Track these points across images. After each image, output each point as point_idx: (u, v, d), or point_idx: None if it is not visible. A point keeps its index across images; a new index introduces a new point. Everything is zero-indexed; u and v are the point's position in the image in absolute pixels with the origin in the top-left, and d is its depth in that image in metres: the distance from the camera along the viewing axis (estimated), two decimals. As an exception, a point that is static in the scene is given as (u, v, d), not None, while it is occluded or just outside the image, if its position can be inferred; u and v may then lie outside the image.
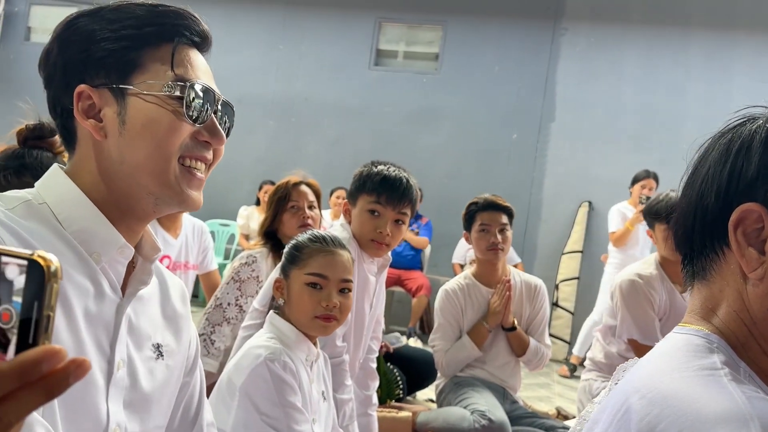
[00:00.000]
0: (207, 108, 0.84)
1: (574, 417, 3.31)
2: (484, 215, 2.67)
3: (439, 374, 2.82)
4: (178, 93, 0.81)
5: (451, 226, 6.20)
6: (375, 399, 2.16)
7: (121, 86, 0.81)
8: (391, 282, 5.38)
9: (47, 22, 7.78)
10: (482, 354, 2.70)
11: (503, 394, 2.72)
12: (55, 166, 0.85)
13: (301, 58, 6.85)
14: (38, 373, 0.38)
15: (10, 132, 1.51)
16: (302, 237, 1.57)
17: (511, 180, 6.20)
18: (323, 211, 5.88)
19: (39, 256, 0.41)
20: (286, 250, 1.59)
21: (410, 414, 2.56)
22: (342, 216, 2.09)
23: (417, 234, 5.78)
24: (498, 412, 2.43)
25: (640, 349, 2.56)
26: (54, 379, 0.39)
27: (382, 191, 1.94)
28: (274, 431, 1.33)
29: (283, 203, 2.54)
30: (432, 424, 2.53)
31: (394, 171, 1.98)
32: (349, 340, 1.96)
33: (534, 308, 2.80)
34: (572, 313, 5.66)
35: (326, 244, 1.53)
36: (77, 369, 0.40)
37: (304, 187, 2.60)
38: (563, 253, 5.94)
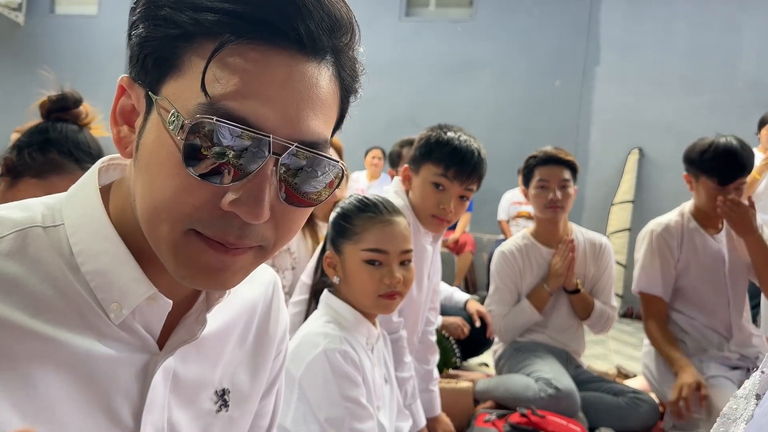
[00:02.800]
0: (239, 159, 0.52)
1: (635, 376, 3.16)
2: (542, 170, 2.47)
3: (496, 339, 2.68)
4: (176, 131, 0.51)
5: (493, 181, 5.99)
6: (436, 373, 2.03)
7: (149, 92, 0.55)
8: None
9: (71, -8, 7.67)
10: (543, 318, 2.55)
11: (567, 359, 2.57)
12: (96, 165, 0.64)
13: (329, 13, 6.60)
14: None
15: (32, 105, 1.39)
16: (349, 204, 1.39)
17: (555, 130, 5.92)
18: (358, 173, 5.81)
19: None
20: (332, 219, 1.42)
21: (470, 384, 2.44)
22: (395, 181, 1.92)
23: None
24: (565, 380, 2.28)
25: (647, 300, 2.53)
26: None
27: (451, 164, 1.74)
28: (334, 430, 1.21)
29: None
30: (493, 393, 2.41)
31: (465, 141, 1.77)
32: (407, 314, 1.82)
33: (599, 268, 2.62)
34: (624, 266, 5.44)
35: (380, 212, 1.36)
36: None
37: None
38: (613, 204, 5.69)
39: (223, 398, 0.71)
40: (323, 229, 2.45)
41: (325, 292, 1.41)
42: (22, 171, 1.31)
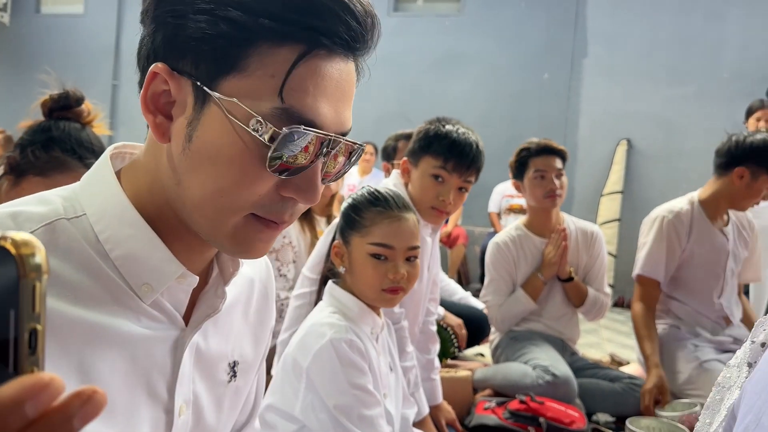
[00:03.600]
0: (308, 155, 0.58)
1: (628, 363, 3.21)
2: (538, 161, 2.50)
3: (493, 329, 2.72)
4: (266, 137, 0.55)
5: (484, 174, 6.00)
6: (437, 362, 2.06)
7: (205, 87, 0.56)
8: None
9: (56, -9, 7.61)
10: (538, 307, 2.59)
11: (562, 347, 2.61)
12: (106, 154, 0.65)
13: (317, 10, 6.59)
14: (21, 417, 0.27)
15: (33, 104, 1.40)
16: (361, 196, 1.41)
17: (545, 122, 5.96)
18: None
19: (8, 240, 0.28)
20: (343, 210, 1.43)
21: (469, 372, 2.47)
22: (393, 174, 1.94)
23: None
24: (561, 366, 2.32)
25: (644, 284, 2.55)
26: (50, 424, 0.28)
27: (450, 156, 1.76)
28: (344, 417, 1.23)
29: None
30: (491, 381, 2.44)
31: (463, 133, 1.79)
32: (408, 306, 1.84)
33: (591, 256, 2.66)
34: (615, 256, 5.50)
35: (390, 208, 1.36)
36: (85, 405, 0.28)
37: None
38: (602, 195, 5.75)
39: (233, 369, 0.76)
40: (320, 222, 2.47)
41: (330, 283, 1.43)
42: (26, 169, 1.32)
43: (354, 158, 0.65)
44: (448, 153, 1.76)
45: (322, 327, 1.30)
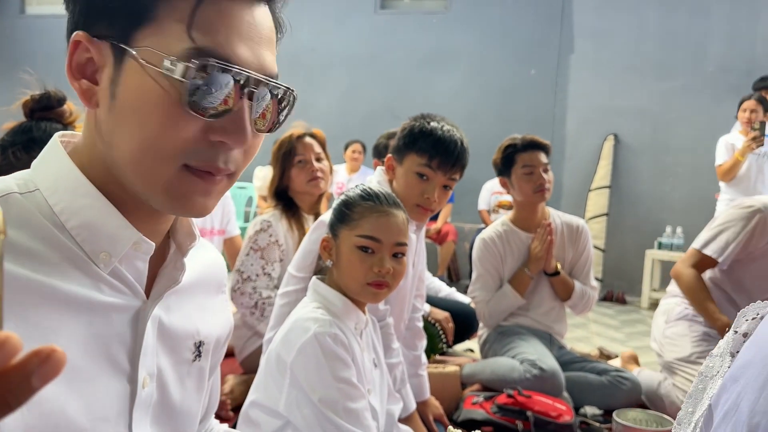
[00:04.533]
0: (228, 94, 0.59)
1: (617, 356, 3.23)
2: (525, 156, 2.52)
3: (481, 325, 2.73)
4: (178, 74, 0.57)
5: (473, 171, 6.01)
6: (424, 358, 2.07)
7: (120, 44, 0.59)
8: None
9: (41, -8, 7.54)
10: (525, 301, 2.60)
11: (550, 341, 2.64)
12: (54, 138, 0.67)
13: (305, 8, 6.58)
14: None
15: (15, 105, 1.39)
16: (353, 192, 1.43)
17: (532, 118, 5.99)
18: (338, 166, 5.82)
19: None
20: (335, 206, 1.45)
21: (457, 368, 2.48)
22: (378, 171, 1.94)
23: None
24: (549, 360, 2.34)
25: (700, 260, 2.35)
26: (7, 384, 0.27)
27: (435, 154, 1.75)
28: (329, 411, 1.24)
29: (288, 158, 2.41)
30: (479, 376, 2.46)
31: (448, 131, 1.79)
32: (394, 303, 1.85)
33: (577, 250, 2.68)
34: (603, 251, 5.54)
35: (380, 203, 1.38)
36: (44, 364, 0.28)
37: (308, 139, 2.46)
38: (590, 190, 5.78)
39: (198, 349, 0.77)
40: (308, 221, 2.47)
41: (314, 279, 1.44)
42: (7, 171, 1.29)
43: (285, 104, 0.66)
44: (432, 151, 1.75)
45: (306, 322, 1.30)
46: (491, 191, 5.68)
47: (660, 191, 5.68)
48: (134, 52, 0.58)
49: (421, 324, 2.08)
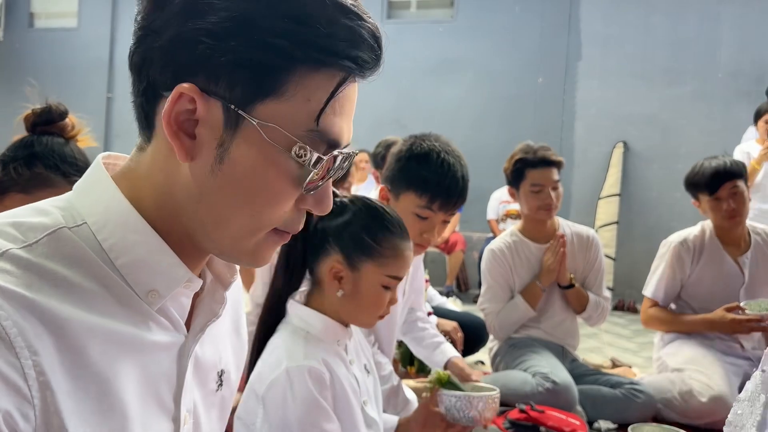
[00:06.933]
0: (330, 174, 0.61)
1: (630, 367, 3.17)
2: (535, 174, 2.46)
3: (491, 337, 2.69)
4: (311, 161, 0.57)
5: (481, 180, 5.99)
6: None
7: (240, 111, 0.56)
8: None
9: (50, 6, 7.59)
10: (536, 314, 2.56)
11: (562, 353, 2.59)
12: (98, 161, 0.63)
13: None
14: None
15: (18, 118, 1.37)
16: (371, 217, 1.29)
17: (540, 126, 5.95)
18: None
19: None
20: (346, 225, 1.29)
21: (468, 382, 2.44)
22: (374, 196, 1.90)
23: None
24: (562, 373, 2.29)
25: (652, 303, 2.64)
26: None
27: (437, 197, 1.62)
28: None
29: None
30: (490, 390, 2.41)
31: (449, 166, 1.63)
32: (382, 334, 1.79)
33: (588, 261, 2.63)
34: (614, 259, 5.47)
35: (404, 238, 1.29)
36: None
37: None
38: (600, 198, 5.73)
39: (221, 378, 0.75)
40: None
41: (290, 301, 1.32)
42: (9, 186, 1.29)
43: (347, 164, 0.66)
44: (434, 192, 1.62)
45: (278, 351, 1.22)
46: (499, 200, 5.65)
47: (670, 198, 5.61)
48: (257, 124, 0.56)
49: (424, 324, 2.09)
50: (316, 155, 0.57)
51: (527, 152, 2.49)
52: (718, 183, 2.48)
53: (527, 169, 2.47)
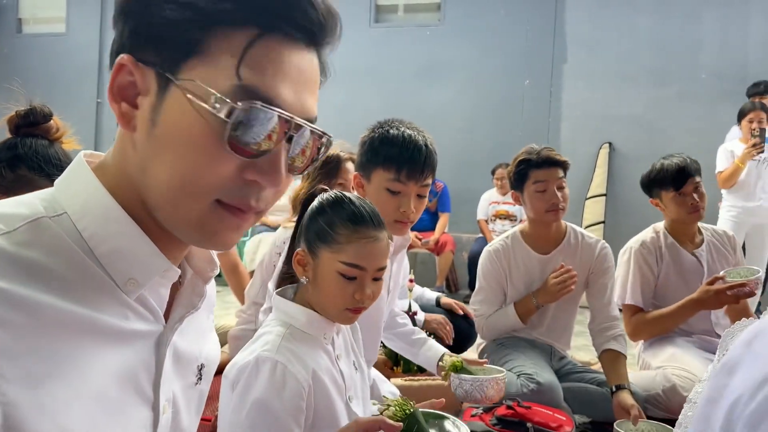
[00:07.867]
0: (269, 137, 0.59)
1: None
2: (539, 173, 2.35)
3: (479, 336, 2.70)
4: (223, 113, 0.56)
5: (469, 181, 6.05)
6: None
7: (166, 74, 0.58)
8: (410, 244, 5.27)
9: (38, 12, 7.56)
10: (525, 326, 2.52)
11: (550, 352, 2.59)
12: (80, 157, 0.65)
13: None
14: None
15: (1, 119, 1.38)
16: (333, 205, 1.29)
17: (527, 128, 6.00)
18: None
19: None
20: (311, 215, 1.31)
21: (456, 380, 2.45)
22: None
23: (435, 205, 5.65)
24: (546, 374, 2.29)
25: (634, 310, 2.65)
26: None
27: (402, 166, 1.65)
28: None
29: (332, 177, 2.37)
30: (478, 388, 2.42)
31: (410, 137, 1.68)
32: (366, 335, 1.78)
33: (595, 273, 2.49)
34: (601, 259, 5.51)
35: (367, 227, 1.27)
36: None
37: (350, 165, 2.42)
38: (587, 198, 5.77)
39: (200, 372, 0.77)
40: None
41: (274, 294, 1.33)
42: (-7, 189, 1.29)
43: (323, 150, 0.66)
44: (399, 163, 1.65)
45: (256, 343, 1.22)
46: (489, 201, 5.69)
47: (657, 198, 5.67)
48: (180, 84, 0.57)
49: (401, 320, 2.14)
50: (229, 104, 0.56)
51: (531, 153, 2.40)
52: (683, 179, 2.52)
53: (531, 170, 2.37)
